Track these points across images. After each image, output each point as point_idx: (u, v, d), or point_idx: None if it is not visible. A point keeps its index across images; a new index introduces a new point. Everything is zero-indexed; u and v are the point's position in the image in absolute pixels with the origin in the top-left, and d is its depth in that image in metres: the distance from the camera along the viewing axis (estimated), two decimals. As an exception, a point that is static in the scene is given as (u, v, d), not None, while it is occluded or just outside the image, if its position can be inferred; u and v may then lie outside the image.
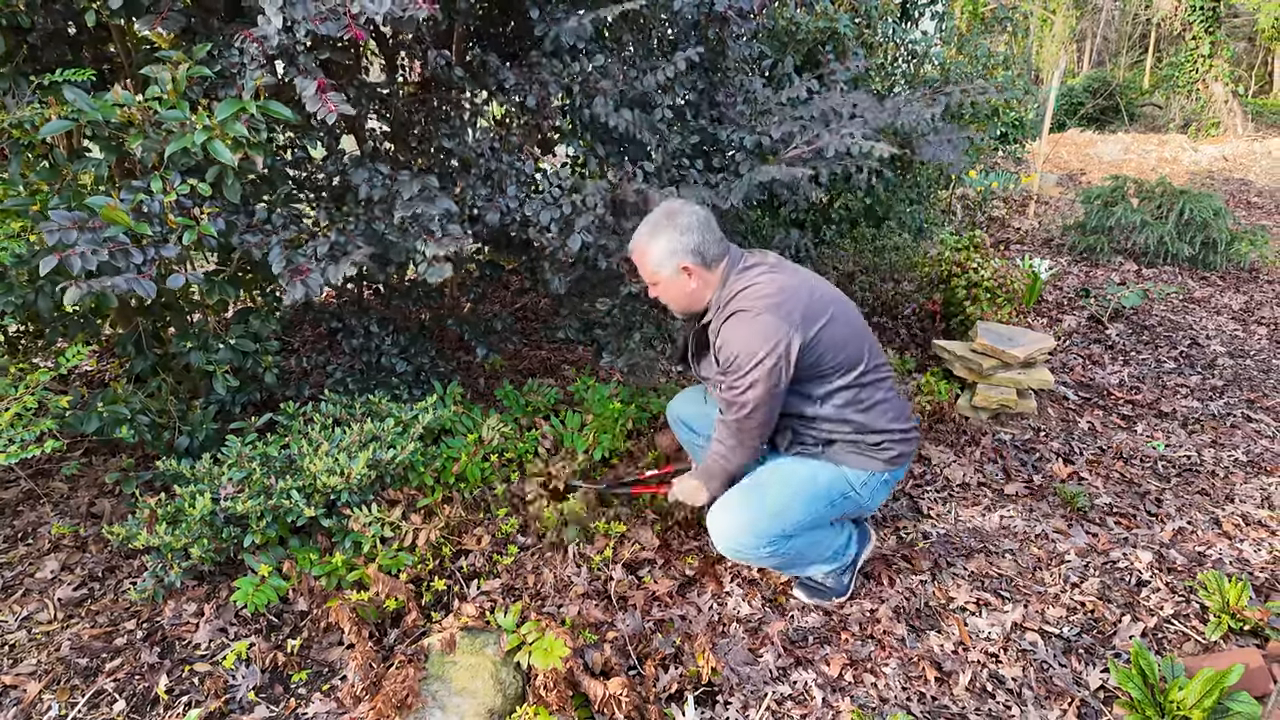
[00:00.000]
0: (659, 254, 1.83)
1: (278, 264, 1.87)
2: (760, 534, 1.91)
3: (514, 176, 2.28)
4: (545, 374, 3.40)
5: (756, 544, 1.92)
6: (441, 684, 1.72)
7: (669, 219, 1.83)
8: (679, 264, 1.83)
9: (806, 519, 1.94)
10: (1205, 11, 11.62)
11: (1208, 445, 3.10)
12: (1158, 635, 2.08)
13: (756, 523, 1.91)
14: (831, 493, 1.96)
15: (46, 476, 2.59)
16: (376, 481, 2.14)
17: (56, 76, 1.78)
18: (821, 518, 1.98)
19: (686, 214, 1.83)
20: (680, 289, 1.88)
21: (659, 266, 1.85)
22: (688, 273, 1.84)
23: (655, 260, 1.84)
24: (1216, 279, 5.29)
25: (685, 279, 1.85)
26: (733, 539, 1.93)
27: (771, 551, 1.94)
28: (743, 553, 1.96)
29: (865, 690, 1.88)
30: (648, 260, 1.86)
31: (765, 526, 1.91)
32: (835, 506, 1.98)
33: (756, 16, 2.52)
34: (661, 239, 1.82)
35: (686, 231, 1.81)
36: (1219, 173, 9.16)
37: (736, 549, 1.95)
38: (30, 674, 1.85)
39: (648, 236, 1.85)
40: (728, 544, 1.95)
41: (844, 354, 1.87)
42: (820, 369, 1.86)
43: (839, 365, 1.87)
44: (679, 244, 1.81)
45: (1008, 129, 5.44)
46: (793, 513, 1.92)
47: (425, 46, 2.22)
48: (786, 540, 1.93)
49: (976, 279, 3.71)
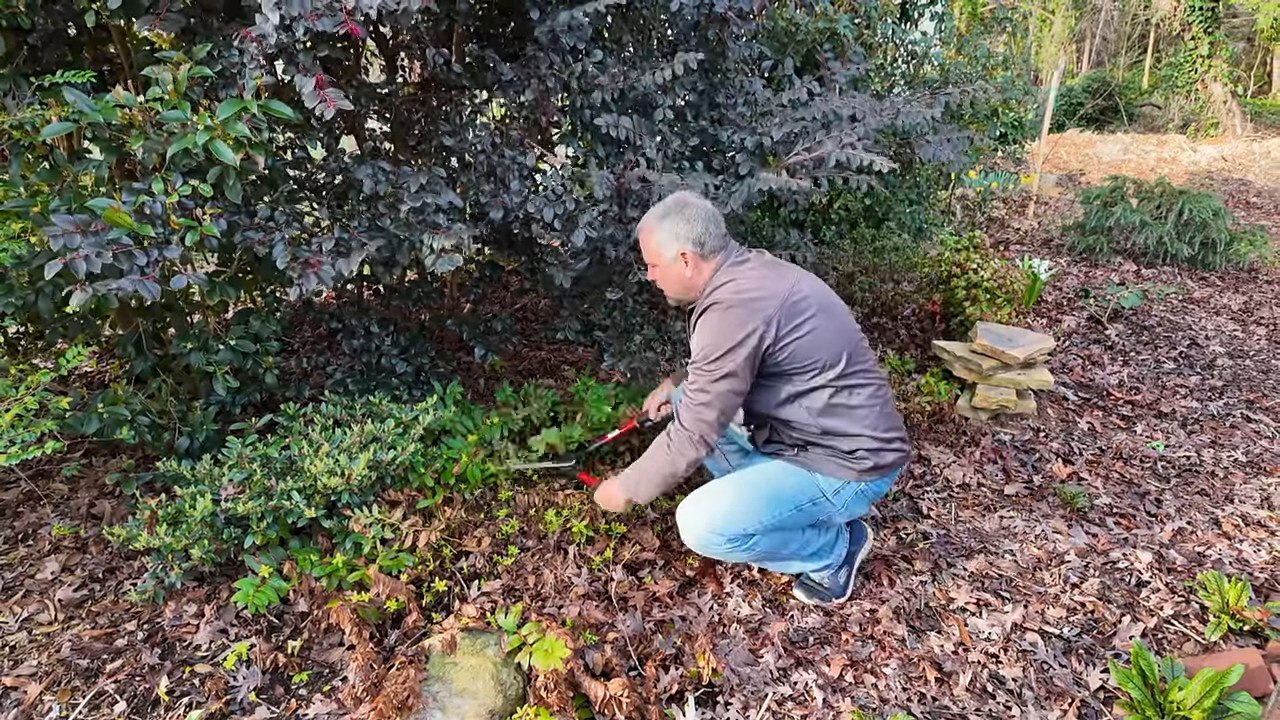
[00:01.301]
0: (663, 236, 1.92)
1: (282, 259, 1.88)
2: (720, 531, 1.93)
3: (516, 172, 2.28)
4: (545, 375, 3.40)
5: (718, 541, 1.94)
6: (442, 685, 1.72)
7: (680, 207, 1.93)
8: (679, 250, 1.92)
9: (770, 520, 1.94)
10: (1204, 12, 11.63)
11: (1207, 445, 3.11)
12: (1158, 635, 2.09)
13: (717, 519, 1.93)
14: (799, 497, 1.96)
15: (47, 478, 2.59)
16: (377, 483, 2.13)
17: (57, 78, 1.78)
18: (788, 521, 1.98)
19: (696, 205, 1.93)
20: (676, 275, 1.96)
21: (661, 248, 1.93)
22: (685, 260, 1.92)
23: (658, 241, 1.93)
24: (1216, 279, 5.30)
25: (682, 266, 1.93)
26: (695, 533, 1.97)
27: (732, 547, 1.95)
28: (706, 547, 1.99)
29: (866, 691, 1.88)
30: (651, 240, 1.95)
31: (727, 524, 1.93)
32: (803, 511, 1.98)
33: (756, 17, 2.52)
34: (668, 222, 1.92)
35: (693, 221, 1.90)
36: (1218, 173, 9.17)
37: (700, 543, 1.98)
38: (31, 675, 1.85)
39: (657, 218, 1.94)
40: (691, 537, 1.98)
41: (822, 354, 1.87)
42: (794, 366, 1.87)
43: (815, 365, 1.87)
44: (683, 230, 1.90)
45: (1007, 129, 5.45)
46: (757, 513, 1.93)
47: (424, 45, 2.22)
48: (748, 539, 1.95)
49: (976, 279, 3.72)
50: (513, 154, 2.29)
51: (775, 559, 2.07)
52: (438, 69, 2.21)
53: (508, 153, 2.29)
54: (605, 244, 2.34)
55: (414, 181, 2.07)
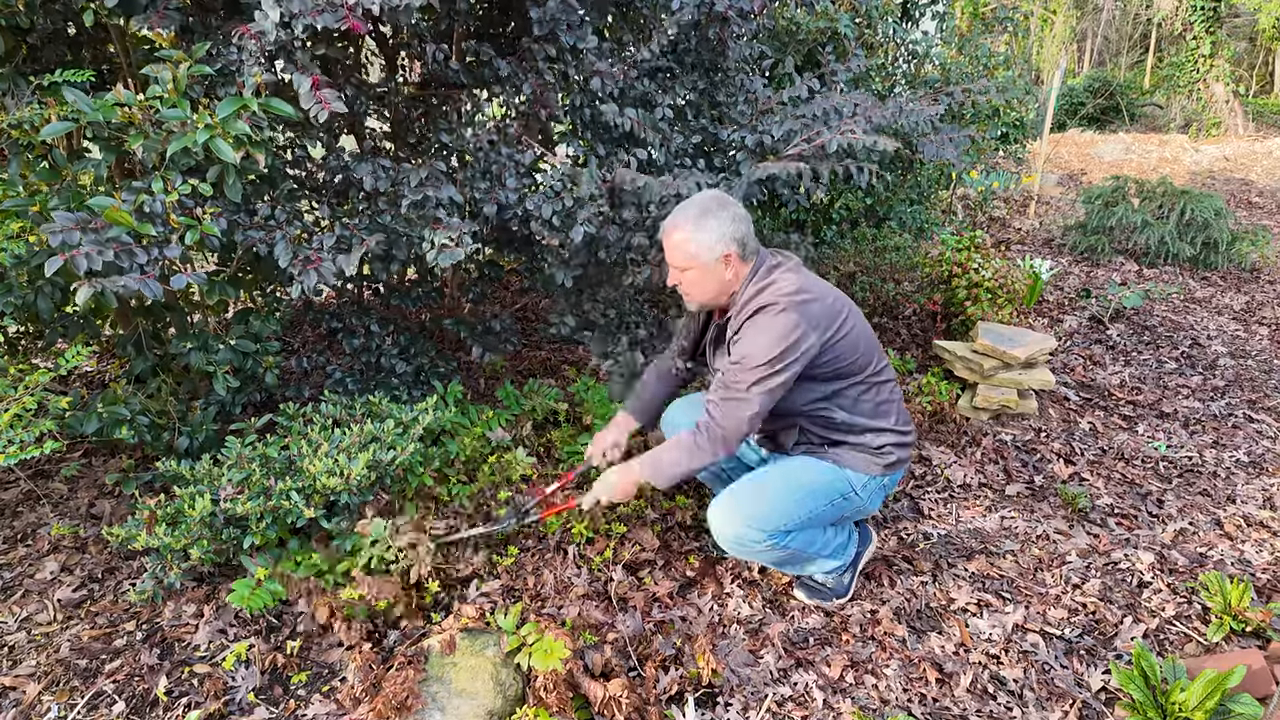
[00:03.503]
0: (708, 238, 1.79)
1: (284, 257, 1.87)
2: (761, 528, 1.91)
3: (512, 169, 2.27)
4: (545, 374, 3.39)
5: (758, 538, 1.92)
6: (441, 685, 1.71)
7: (721, 206, 1.81)
8: (724, 251, 1.80)
9: (807, 516, 1.95)
10: (1206, 11, 11.61)
11: (1209, 446, 3.10)
12: (1159, 636, 2.08)
13: (757, 517, 1.91)
14: (832, 492, 1.97)
15: (46, 477, 2.58)
16: (376, 482, 2.13)
17: (56, 77, 1.78)
18: (822, 516, 1.98)
19: (735, 204, 1.83)
20: (715, 278, 1.85)
21: (702, 251, 1.80)
22: (726, 261, 1.82)
23: (700, 243, 1.79)
24: (1218, 279, 5.28)
25: (722, 268, 1.83)
26: (733, 533, 1.93)
27: (771, 545, 1.94)
28: (744, 547, 1.96)
29: (866, 692, 1.87)
30: (690, 243, 1.80)
31: (766, 521, 1.91)
32: (835, 506, 1.98)
33: (757, 16, 2.51)
34: (711, 222, 1.79)
35: (736, 220, 1.80)
36: (1220, 173, 9.15)
37: (737, 543, 1.95)
38: (30, 675, 1.84)
39: (694, 219, 1.80)
40: (728, 537, 1.95)
41: (858, 355, 1.90)
42: (837, 368, 1.88)
43: (854, 366, 1.90)
44: (729, 230, 1.79)
45: (1008, 129, 5.43)
46: (794, 509, 1.93)
47: (424, 42, 2.22)
48: (786, 535, 1.94)
49: (977, 279, 3.70)
50: (509, 151, 2.29)
51: (800, 559, 2.04)
52: (437, 67, 2.20)
53: (504, 150, 2.29)
54: (598, 245, 2.33)
55: (414, 176, 2.06)
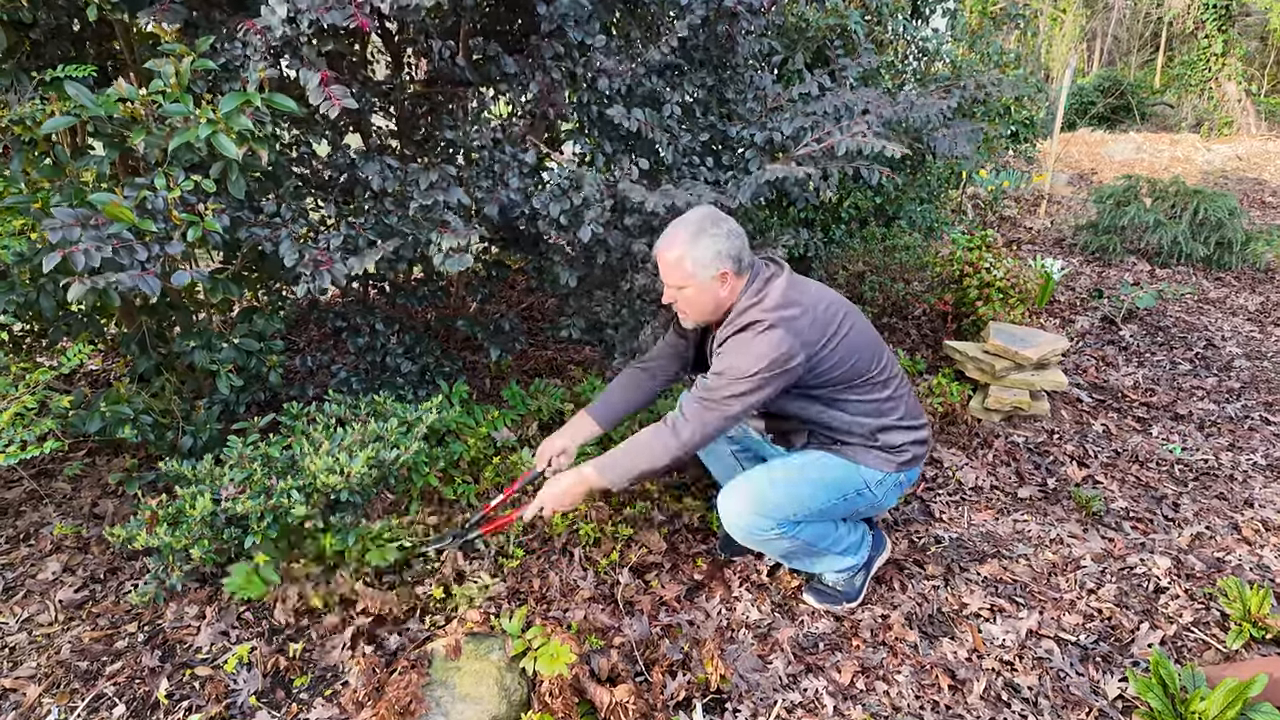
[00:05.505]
0: (702, 256, 1.76)
1: (290, 256, 1.85)
2: (770, 516, 1.90)
3: (516, 168, 2.24)
4: (551, 374, 3.36)
5: (767, 526, 1.90)
6: (445, 690, 1.69)
7: (714, 223, 1.78)
8: (719, 269, 1.78)
9: (818, 508, 1.93)
10: (1217, 10, 11.50)
11: (1225, 448, 3.05)
12: (1177, 643, 2.04)
13: (767, 504, 1.90)
14: (845, 487, 1.95)
15: (49, 477, 2.57)
16: (379, 481, 2.10)
17: (59, 72, 1.76)
18: (834, 510, 1.97)
19: (728, 220, 1.80)
20: (711, 296, 1.82)
21: (698, 269, 1.77)
22: (723, 280, 1.80)
23: (695, 262, 1.77)
24: (1231, 279, 5.22)
25: (718, 286, 1.80)
26: (742, 519, 1.92)
27: (780, 534, 1.92)
28: (752, 535, 1.94)
29: (877, 698, 1.84)
30: (685, 262, 1.77)
31: (776, 509, 1.90)
32: (849, 501, 1.97)
33: (766, 13, 2.49)
34: (706, 241, 1.76)
35: (731, 236, 1.77)
36: (1233, 172, 9.06)
37: (746, 530, 1.94)
38: (30, 677, 1.83)
39: (688, 238, 1.77)
40: (736, 523, 1.94)
41: (855, 360, 1.87)
42: (830, 377, 1.86)
43: (851, 372, 1.87)
44: (724, 247, 1.76)
45: (1019, 128, 5.38)
46: (806, 499, 1.91)
47: (431, 39, 2.19)
48: (795, 525, 1.92)
49: (989, 279, 3.66)
50: (513, 150, 2.26)
51: (811, 552, 2.01)
52: (444, 64, 2.18)
53: (508, 149, 2.26)
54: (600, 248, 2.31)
55: (424, 179, 2.04)
